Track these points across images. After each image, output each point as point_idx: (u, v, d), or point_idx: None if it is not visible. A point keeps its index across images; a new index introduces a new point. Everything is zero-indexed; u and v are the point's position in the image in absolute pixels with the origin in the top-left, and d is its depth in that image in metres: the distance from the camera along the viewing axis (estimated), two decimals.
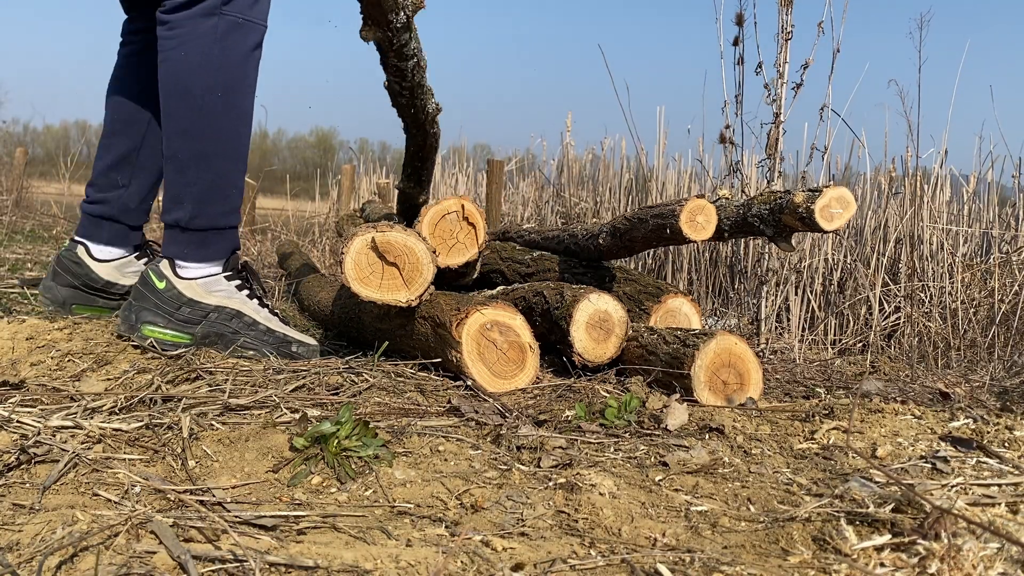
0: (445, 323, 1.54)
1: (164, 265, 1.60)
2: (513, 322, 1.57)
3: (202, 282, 1.61)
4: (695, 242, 1.91)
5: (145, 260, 1.99)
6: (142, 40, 1.86)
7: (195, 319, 1.59)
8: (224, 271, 1.65)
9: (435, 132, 2.45)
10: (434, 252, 1.64)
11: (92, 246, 1.91)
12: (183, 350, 1.59)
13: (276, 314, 1.72)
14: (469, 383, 1.51)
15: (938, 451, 1.16)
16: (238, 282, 1.67)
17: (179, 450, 1.08)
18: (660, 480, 1.07)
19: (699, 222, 1.82)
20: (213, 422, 1.18)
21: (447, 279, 1.99)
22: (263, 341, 1.65)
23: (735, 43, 2.71)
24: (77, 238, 1.93)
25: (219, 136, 1.57)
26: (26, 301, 2.29)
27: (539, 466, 1.10)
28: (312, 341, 1.72)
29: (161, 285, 1.58)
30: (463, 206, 1.92)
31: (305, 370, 1.52)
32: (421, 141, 2.47)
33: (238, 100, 1.58)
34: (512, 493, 0.98)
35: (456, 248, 1.91)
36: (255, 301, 1.68)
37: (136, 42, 1.89)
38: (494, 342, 1.54)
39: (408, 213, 2.92)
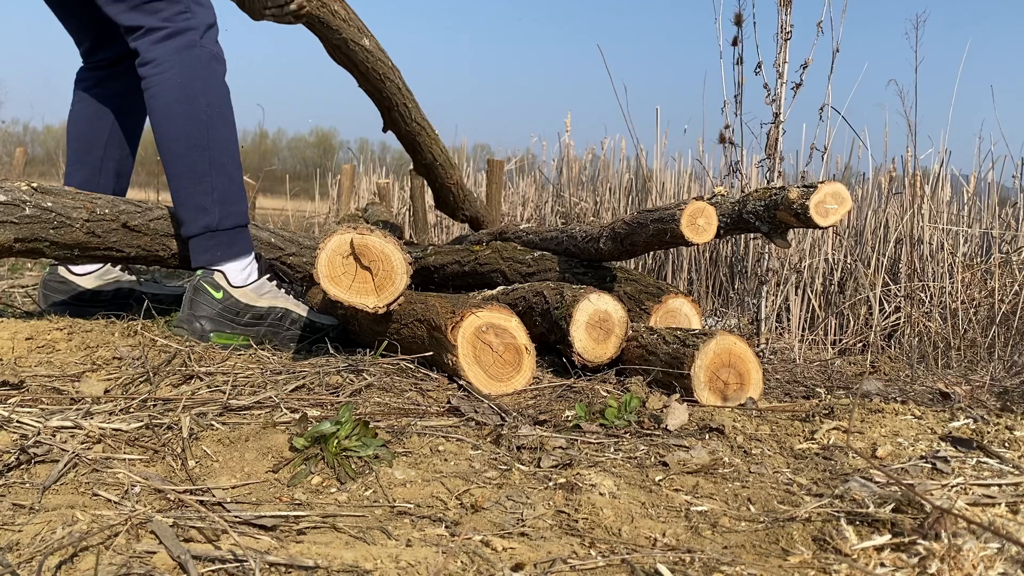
0: (440, 326, 1.53)
1: (218, 277, 1.79)
2: (509, 324, 1.57)
3: (253, 287, 1.83)
4: (697, 245, 1.91)
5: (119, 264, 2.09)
6: (94, 77, 2.04)
7: (254, 323, 1.82)
8: (264, 275, 1.87)
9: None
10: (411, 264, 1.63)
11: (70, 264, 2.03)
12: (184, 349, 1.60)
13: (291, 294, 1.94)
14: (464, 385, 1.51)
15: (938, 451, 1.16)
16: (276, 281, 1.91)
17: (179, 450, 1.08)
18: (660, 480, 1.07)
19: (700, 224, 1.82)
20: (213, 422, 1.18)
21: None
22: (301, 328, 1.89)
23: (734, 43, 2.70)
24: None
25: (225, 144, 1.80)
26: (27, 300, 2.29)
27: (539, 466, 1.10)
28: (331, 320, 1.95)
29: (219, 295, 1.78)
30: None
31: (305, 370, 1.52)
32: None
33: (228, 112, 1.83)
34: (512, 493, 0.98)
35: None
36: (292, 295, 1.92)
37: (89, 79, 2.05)
38: (490, 344, 1.54)
39: (438, 193, 2.91)
